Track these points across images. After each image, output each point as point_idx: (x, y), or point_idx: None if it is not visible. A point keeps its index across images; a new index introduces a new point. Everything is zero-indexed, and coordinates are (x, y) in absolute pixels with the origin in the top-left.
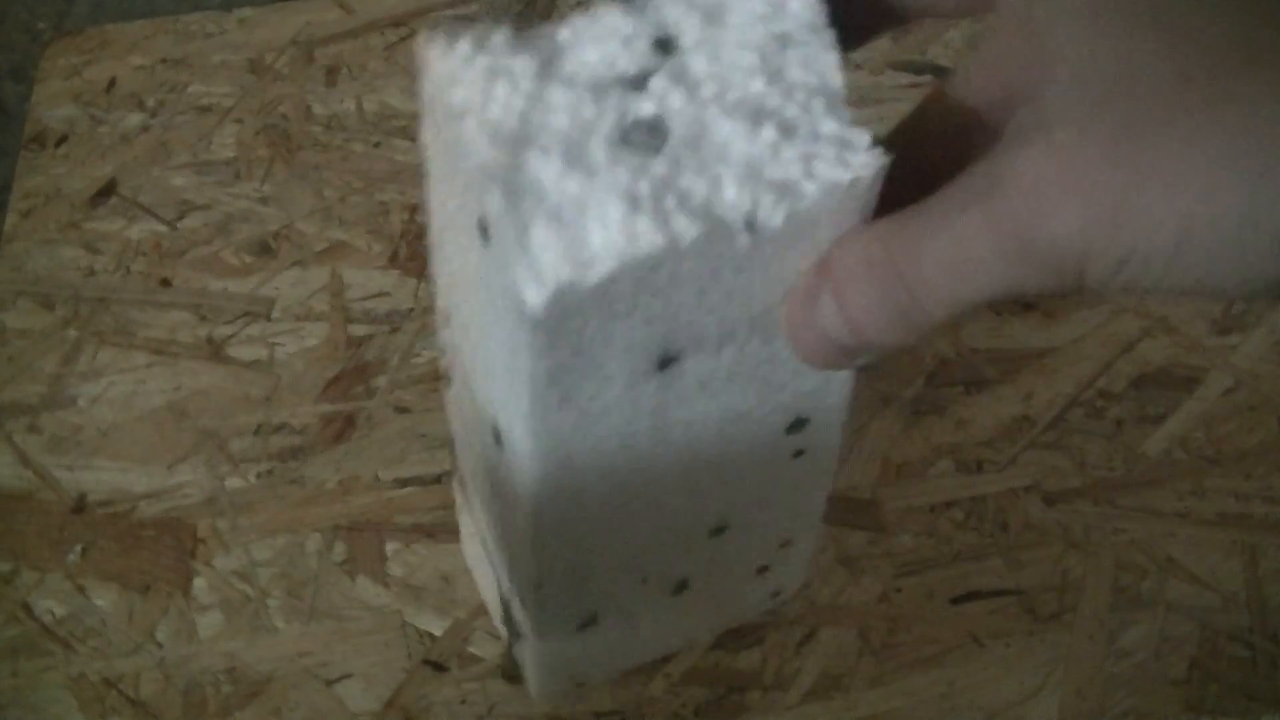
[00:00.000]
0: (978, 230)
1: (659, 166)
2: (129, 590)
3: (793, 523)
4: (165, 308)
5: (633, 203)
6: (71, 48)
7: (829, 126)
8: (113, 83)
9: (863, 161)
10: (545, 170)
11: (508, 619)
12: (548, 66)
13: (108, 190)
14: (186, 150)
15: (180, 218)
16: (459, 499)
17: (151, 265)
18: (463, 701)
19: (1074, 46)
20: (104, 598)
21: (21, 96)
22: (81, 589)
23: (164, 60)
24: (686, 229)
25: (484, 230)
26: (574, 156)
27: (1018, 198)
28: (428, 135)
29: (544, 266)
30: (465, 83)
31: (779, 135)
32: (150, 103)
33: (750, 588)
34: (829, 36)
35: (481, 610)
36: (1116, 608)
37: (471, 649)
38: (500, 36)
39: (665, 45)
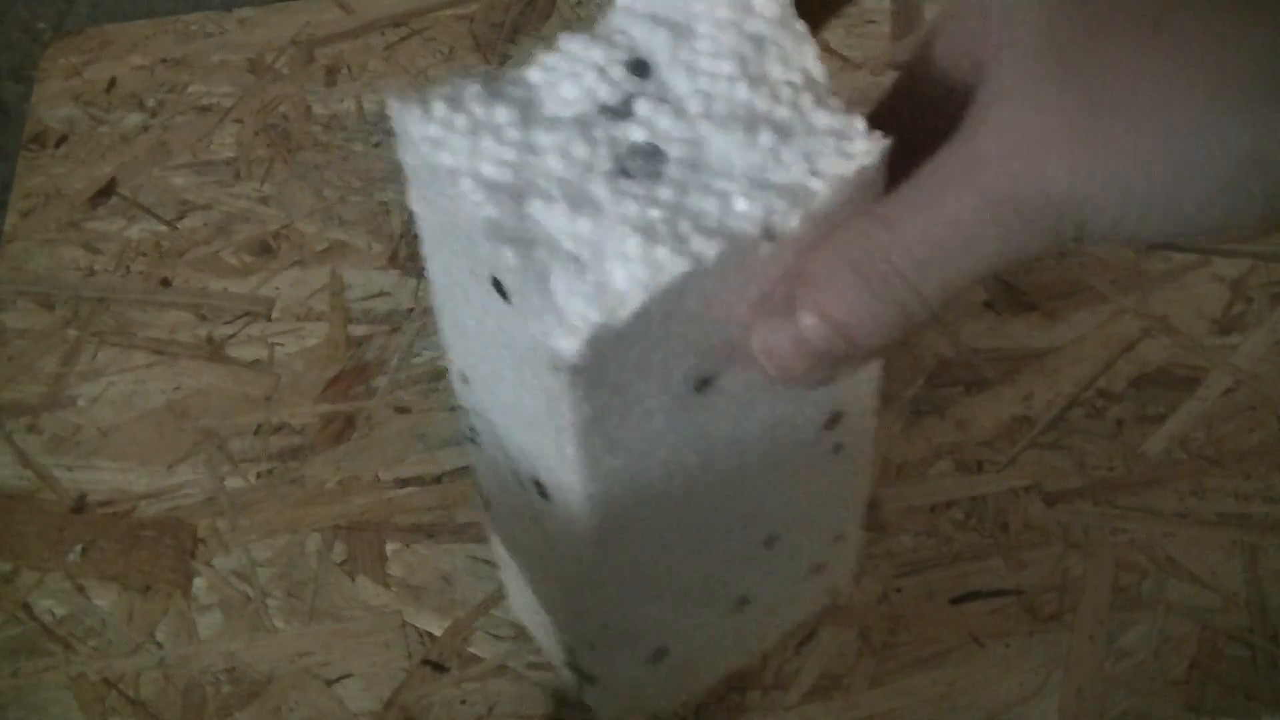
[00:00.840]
0: (970, 203)
1: (664, 192)
2: (129, 590)
3: (841, 518)
4: (165, 308)
5: (647, 233)
6: (71, 48)
7: (822, 120)
8: (113, 83)
9: (863, 149)
10: (552, 217)
11: (575, 666)
12: (528, 111)
13: (108, 190)
14: (186, 150)
15: (180, 218)
16: (501, 562)
17: (151, 265)
18: (463, 701)
19: (1032, 12)
20: (104, 598)
21: (21, 96)
22: (81, 589)
23: (164, 60)
24: (707, 248)
25: (501, 289)
26: (577, 198)
27: (1007, 162)
28: (417, 203)
29: (571, 313)
30: (450, 144)
31: (776, 138)
32: (150, 103)
33: (807, 588)
34: (801, 28)
35: (481, 610)
36: (1116, 608)
37: (471, 649)
38: (473, 91)
39: (640, 68)
